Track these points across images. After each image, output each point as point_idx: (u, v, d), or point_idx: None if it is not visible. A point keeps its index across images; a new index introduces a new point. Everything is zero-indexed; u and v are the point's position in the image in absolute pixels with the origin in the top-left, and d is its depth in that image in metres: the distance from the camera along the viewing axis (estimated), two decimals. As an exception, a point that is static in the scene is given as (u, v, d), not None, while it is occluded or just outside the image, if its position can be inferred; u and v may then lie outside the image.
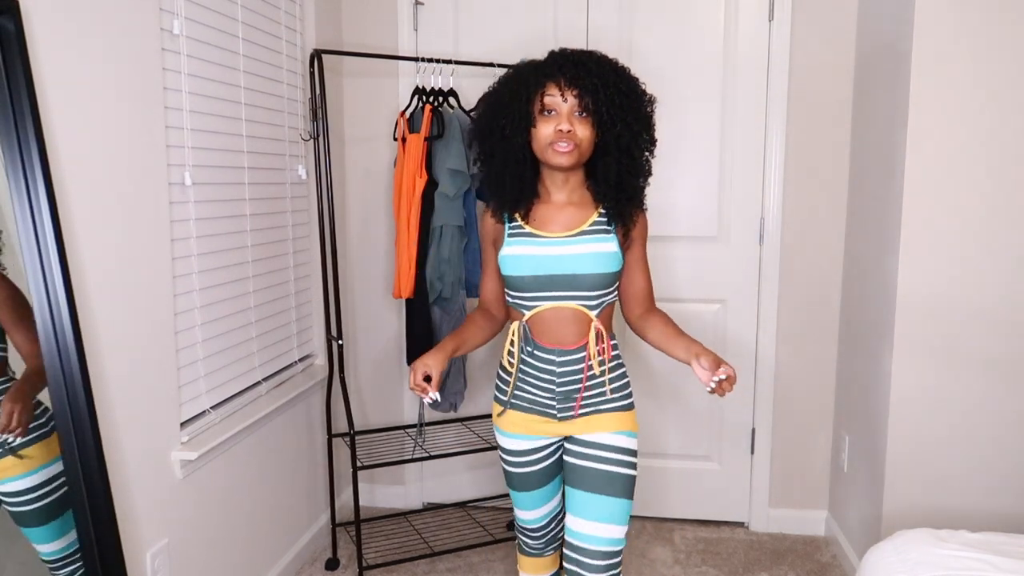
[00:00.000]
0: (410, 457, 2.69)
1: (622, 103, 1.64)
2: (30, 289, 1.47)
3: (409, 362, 2.68)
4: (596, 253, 1.69)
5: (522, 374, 1.79)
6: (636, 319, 1.82)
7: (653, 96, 1.72)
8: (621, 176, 1.68)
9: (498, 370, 1.86)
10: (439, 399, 1.68)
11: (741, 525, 3.04)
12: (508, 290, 1.78)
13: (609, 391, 1.77)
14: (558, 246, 1.70)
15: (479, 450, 2.70)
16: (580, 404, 1.76)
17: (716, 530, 3.00)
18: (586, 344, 1.73)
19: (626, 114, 1.65)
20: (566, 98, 1.63)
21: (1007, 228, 2.22)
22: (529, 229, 1.74)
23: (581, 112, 1.64)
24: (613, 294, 1.77)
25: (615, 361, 1.79)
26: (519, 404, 1.81)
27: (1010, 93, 2.17)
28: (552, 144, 1.64)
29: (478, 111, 1.79)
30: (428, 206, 2.55)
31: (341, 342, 2.55)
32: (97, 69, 1.65)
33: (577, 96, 1.63)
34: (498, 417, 1.85)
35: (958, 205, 2.22)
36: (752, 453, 2.98)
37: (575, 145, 1.64)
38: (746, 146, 2.83)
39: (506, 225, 1.77)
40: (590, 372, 1.74)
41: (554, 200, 1.75)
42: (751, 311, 2.90)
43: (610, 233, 1.72)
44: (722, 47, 2.80)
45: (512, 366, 1.79)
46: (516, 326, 1.76)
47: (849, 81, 2.74)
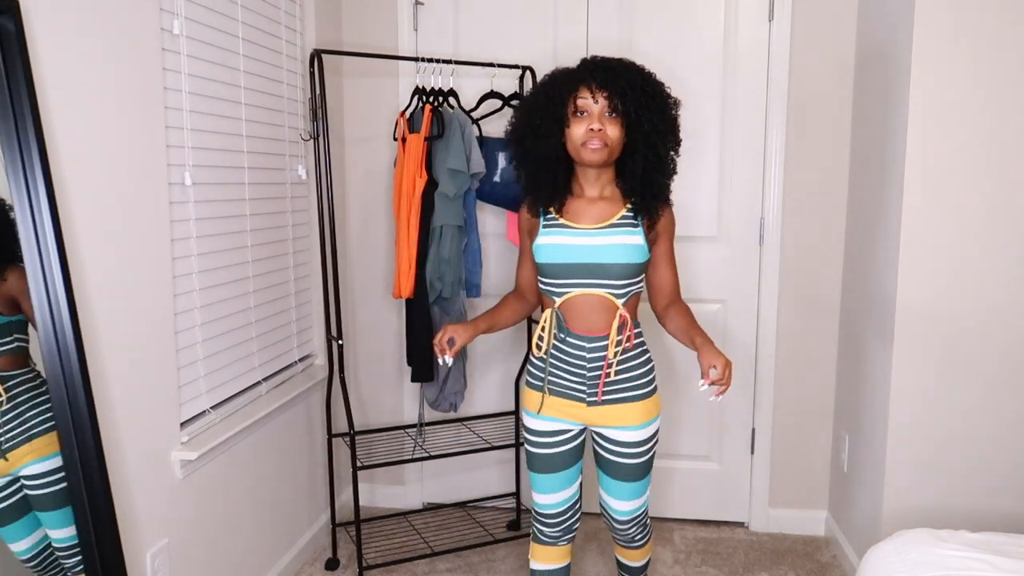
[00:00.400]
0: (410, 457, 2.69)
1: (649, 105, 1.77)
2: (30, 289, 1.47)
3: (409, 362, 2.69)
4: (623, 244, 1.82)
5: (554, 359, 1.90)
6: (661, 311, 1.95)
7: (678, 100, 1.84)
8: (647, 173, 1.81)
9: (530, 357, 1.98)
10: (450, 364, 1.86)
11: (741, 525, 3.04)
12: (541, 277, 1.91)
13: (633, 376, 1.88)
14: (588, 236, 1.83)
15: (479, 450, 2.71)
16: (603, 389, 1.86)
17: (716, 530, 3.00)
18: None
19: (652, 115, 1.77)
20: (597, 100, 1.76)
21: (1007, 228, 2.22)
22: (563, 221, 1.87)
23: (611, 113, 1.77)
24: (639, 284, 1.89)
25: (639, 348, 1.89)
26: (554, 389, 1.92)
27: (1010, 93, 2.17)
28: (584, 143, 1.77)
29: (514, 116, 1.92)
30: (428, 206, 2.55)
31: (341, 342, 2.55)
32: (97, 69, 1.65)
33: (607, 98, 1.75)
34: (535, 403, 1.94)
35: (958, 205, 2.23)
36: (752, 453, 2.98)
37: (605, 144, 1.77)
38: (746, 146, 2.83)
39: (541, 218, 1.90)
40: (612, 357, 1.84)
41: (586, 195, 1.88)
42: (751, 311, 2.90)
43: (637, 227, 1.84)
44: (722, 47, 2.80)
45: (542, 350, 1.91)
46: (548, 313, 1.88)
47: (849, 81, 2.74)
